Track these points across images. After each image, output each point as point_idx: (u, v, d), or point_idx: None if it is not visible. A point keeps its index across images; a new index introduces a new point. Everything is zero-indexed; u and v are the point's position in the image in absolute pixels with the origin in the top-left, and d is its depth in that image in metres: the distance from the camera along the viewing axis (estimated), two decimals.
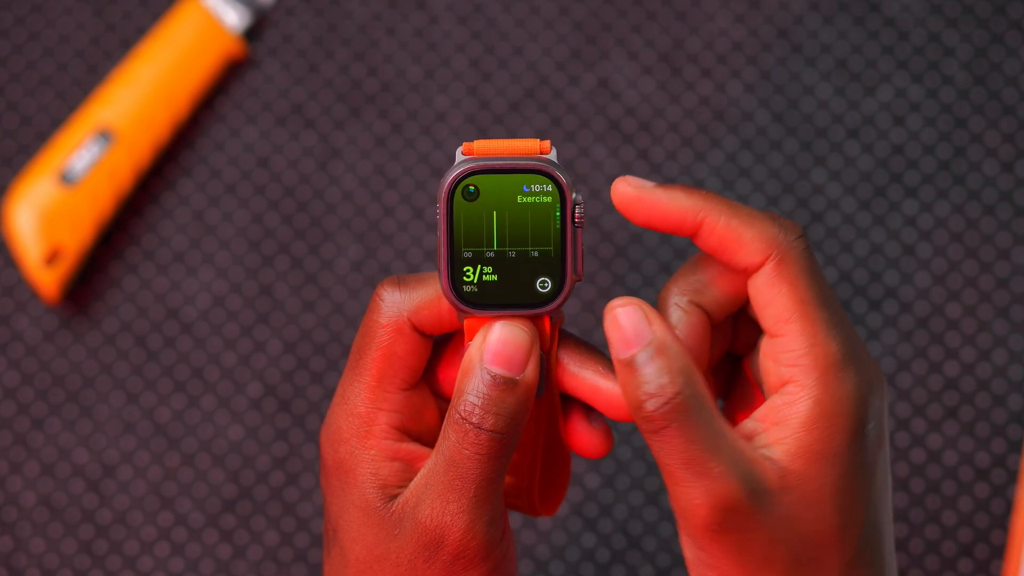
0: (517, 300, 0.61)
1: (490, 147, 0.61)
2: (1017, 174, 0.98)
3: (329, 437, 0.62)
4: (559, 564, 0.96)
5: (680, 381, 0.58)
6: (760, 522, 0.58)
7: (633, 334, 0.59)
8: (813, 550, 0.59)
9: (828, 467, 0.58)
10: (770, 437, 0.59)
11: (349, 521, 0.62)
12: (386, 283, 0.62)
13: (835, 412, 0.58)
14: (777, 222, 0.60)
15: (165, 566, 0.95)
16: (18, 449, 0.96)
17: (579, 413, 0.64)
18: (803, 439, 0.58)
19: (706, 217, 0.60)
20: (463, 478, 0.60)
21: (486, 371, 0.60)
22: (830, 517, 0.59)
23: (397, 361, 0.62)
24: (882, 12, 0.99)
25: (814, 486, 0.58)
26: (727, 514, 0.58)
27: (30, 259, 0.95)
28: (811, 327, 0.59)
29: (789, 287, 0.59)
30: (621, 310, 0.59)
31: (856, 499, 0.59)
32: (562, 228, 0.61)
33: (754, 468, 0.58)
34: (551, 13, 0.99)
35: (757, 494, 0.58)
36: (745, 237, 0.59)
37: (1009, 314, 0.96)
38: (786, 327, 0.59)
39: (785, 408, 0.59)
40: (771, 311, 0.59)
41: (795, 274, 0.59)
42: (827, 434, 0.58)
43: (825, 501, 0.58)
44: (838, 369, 0.58)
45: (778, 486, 0.58)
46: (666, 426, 0.58)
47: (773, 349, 0.60)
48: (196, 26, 0.98)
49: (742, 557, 0.58)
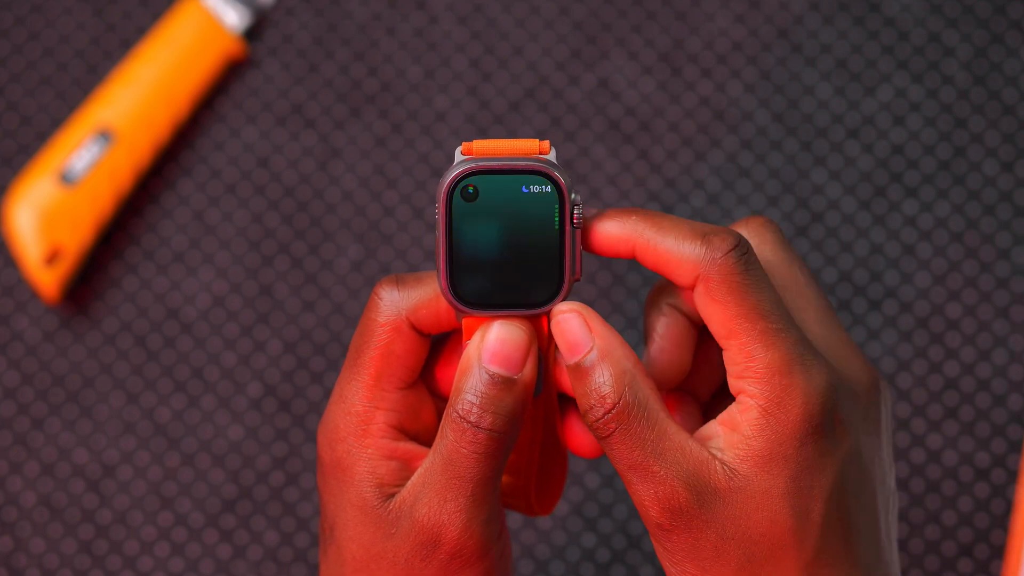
0: (515, 300, 0.61)
1: (489, 147, 0.61)
2: (1017, 174, 0.98)
3: (326, 435, 0.62)
4: (559, 564, 0.96)
5: (619, 388, 0.59)
6: (707, 522, 0.59)
7: (574, 341, 0.60)
8: (768, 550, 0.59)
9: (777, 470, 0.59)
10: (724, 441, 0.60)
11: (346, 520, 0.62)
12: (384, 282, 0.62)
13: (781, 417, 0.59)
14: (704, 240, 0.60)
15: (165, 566, 0.95)
16: (18, 449, 0.96)
17: (576, 413, 0.64)
18: (752, 444, 0.59)
19: (635, 243, 0.61)
20: (460, 477, 0.60)
21: (484, 370, 0.60)
22: (783, 518, 0.59)
23: (395, 360, 0.62)
24: (882, 12, 0.99)
25: (762, 487, 0.59)
26: (673, 514, 0.59)
27: (30, 259, 0.95)
28: (748, 340, 0.60)
29: (720, 305, 0.60)
30: (563, 316, 0.61)
31: (811, 499, 0.59)
32: (561, 229, 0.61)
33: (701, 470, 0.59)
34: (551, 13, 1.00)
35: (703, 496, 0.59)
36: (673, 260, 0.61)
37: (1009, 314, 0.96)
38: (727, 342, 0.60)
39: (737, 415, 0.60)
40: (712, 327, 0.61)
41: (723, 292, 0.60)
42: (775, 439, 0.59)
43: (775, 502, 0.59)
44: (781, 376, 0.59)
45: (726, 487, 0.59)
46: (610, 433, 0.59)
47: (725, 360, 0.61)
48: (196, 26, 0.98)
49: (694, 553, 0.60)
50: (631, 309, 0.97)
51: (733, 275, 0.60)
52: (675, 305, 0.63)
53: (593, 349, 0.60)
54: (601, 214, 0.62)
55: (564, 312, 0.61)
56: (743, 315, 0.60)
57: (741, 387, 0.60)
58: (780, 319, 0.60)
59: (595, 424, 0.60)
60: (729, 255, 0.60)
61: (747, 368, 0.59)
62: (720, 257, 0.60)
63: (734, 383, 0.60)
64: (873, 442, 0.62)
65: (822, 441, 0.59)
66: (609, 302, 0.97)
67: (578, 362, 0.60)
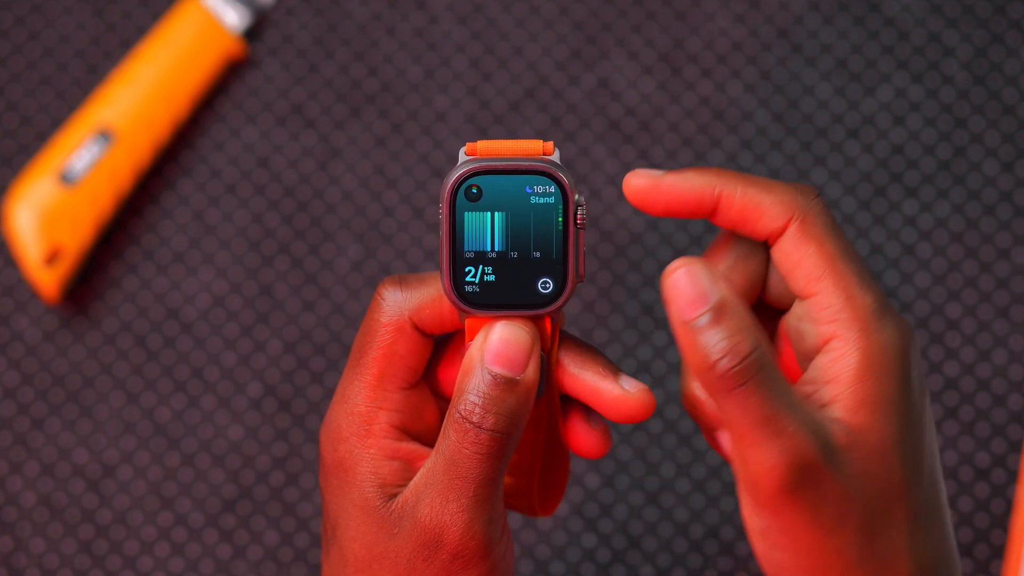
0: (518, 301, 0.61)
1: (493, 148, 0.61)
2: (1017, 174, 0.98)
3: (329, 436, 0.62)
4: (559, 564, 0.96)
5: (752, 339, 0.57)
6: (834, 480, 0.57)
7: (698, 294, 0.57)
8: (884, 503, 0.58)
9: (887, 417, 0.58)
10: (825, 396, 0.58)
11: (348, 520, 0.62)
12: (387, 282, 0.62)
13: (883, 361, 0.58)
14: (793, 185, 0.60)
15: (165, 566, 0.95)
16: (18, 449, 0.96)
17: (578, 414, 0.64)
18: (859, 391, 0.58)
19: (723, 191, 0.60)
20: (463, 477, 0.60)
21: (487, 371, 0.60)
22: (897, 469, 0.58)
23: (398, 360, 0.62)
24: (882, 12, 0.99)
25: (878, 437, 0.58)
26: (803, 473, 0.57)
27: (30, 259, 0.95)
28: (844, 280, 0.59)
29: (816, 245, 0.59)
30: (683, 271, 0.57)
31: (917, 448, 0.58)
32: (564, 229, 0.61)
33: (824, 425, 0.57)
34: (551, 13, 1.00)
35: (830, 451, 0.57)
36: (764, 204, 0.60)
37: (1009, 314, 0.96)
38: (819, 284, 0.59)
39: (833, 364, 0.58)
40: (801, 271, 0.59)
41: (820, 232, 0.59)
42: (880, 383, 0.58)
43: (891, 452, 0.58)
44: (877, 318, 0.58)
45: (846, 443, 0.57)
46: (741, 384, 0.56)
47: (809, 310, 0.59)
48: (196, 26, 0.98)
49: (816, 519, 0.57)
50: (631, 309, 0.97)
51: (825, 216, 0.59)
52: None
53: (721, 300, 0.57)
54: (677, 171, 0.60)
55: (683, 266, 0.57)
56: (837, 256, 0.59)
57: (834, 331, 0.58)
58: (864, 265, 0.59)
59: (724, 375, 0.56)
60: (819, 199, 0.60)
61: (843, 310, 0.58)
62: (813, 199, 0.60)
63: (824, 328, 0.58)
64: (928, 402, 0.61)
65: (915, 386, 0.58)
66: (609, 302, 0.97)
67: (700, 314, 0.57)
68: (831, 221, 0.60)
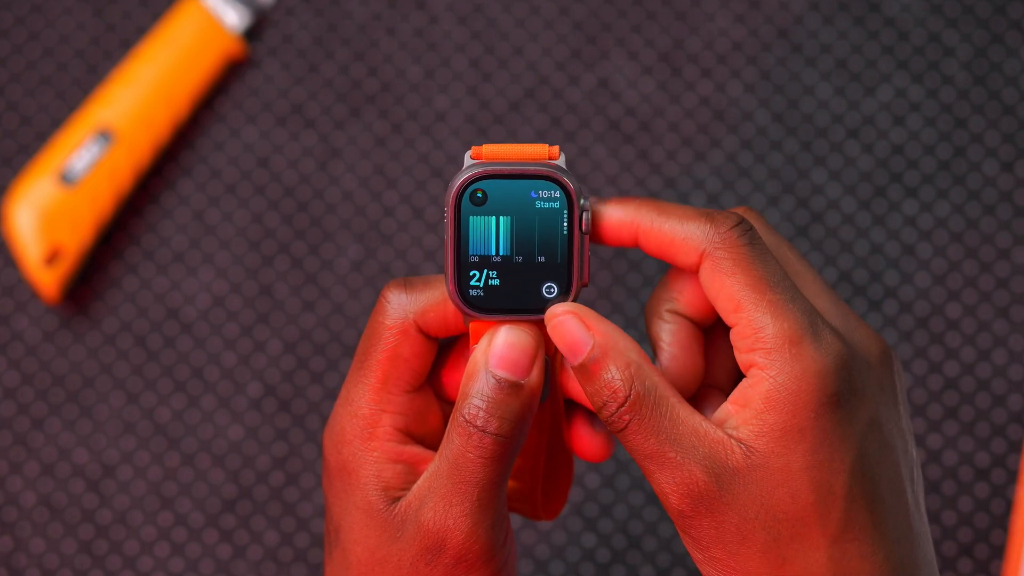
0: (523, 305, 0.61)
1: (499, 152, 0.61)
2: (1017, 174, 0.98)
3: (332, 438, 0.62)
4: (559, 564, 0.96)
5: (627, 378, 0.59)
6: (729, 504, 0.59)
7: (573, 341, 0.60)
8: (792, 527, 0.59)
9: (794, 443, 0.58)
10: (738, 419, 0.59)
11: (351, 523, 0.62)
12: (392, 285, 0.62)
13: (795, 388, 0.58)
14: (708, 218, 0.60)
15: (165, 566, 0.95)
16: (18, 449, 0.96)
17: (582, 417, 0.64)
18: (766, 419, 0.59)
19: (639, 225, 0.61)
20: (467, 481, 0.60)
21: (491, 375, 0.60)
22: (805, 493, 0.59)
23: (402, 363, 0.62)
24: (882, 12, 0.99)
25: (781, 463, 0.59)
26: (694, 499, 0.59)
27: (30, 259, 0.95)
28: (756, 311, 0.59)
29: (728, 278, 0.60)
30: (558, 320, 0.60)
31: (832, 472, 0.59)
32: (569, 234, 0.61)
33: (717, 451, 0.59)
34: (551, 13, 0.99)
35: (722, 478, 0.59)
36: (677, 239, 0.61)
37: (1009, 314, 0.97)
38: (735, 316, 0.60)
39: (748, 390, 0.59)
40: (719, 303, 0.60)
41: (730, 265, 0.60)
42: (789, 411, 0.58)
43: (795, 477, 0.59)
44: (792, 346, 0.59)
45: (744, 466, 0.59)
46: (625, 425, 0.59)
47: (733, 337, 0.60)
48: (196, 26, 0.98)
49: (720, 538, 0.59)
50: (631, 309, 0.97)
51: (739, 247, 0.60)
52: (676, 311, 0.63)
53: (594, 347, 0.60)
54: (602, 202, 0.62)
55: (558, 315, 0.61)
56: (751, 286, 0.59)
57: (751, 360, 0.59)
58: (787, 289, 0.60)
59: (610, 419, 0.59)
60: (734, 230, 0.60)
61: (757, 340, 0.59)
62: (725, 231, 0.60)
63: (744, 358, 0.60)
64: (891, 411, 0.61)
65: (839, 411, 0.59)
66: (609, 302, 0.97)
67: (582, 362, 0.60)
68: (747, 250, 0.60)
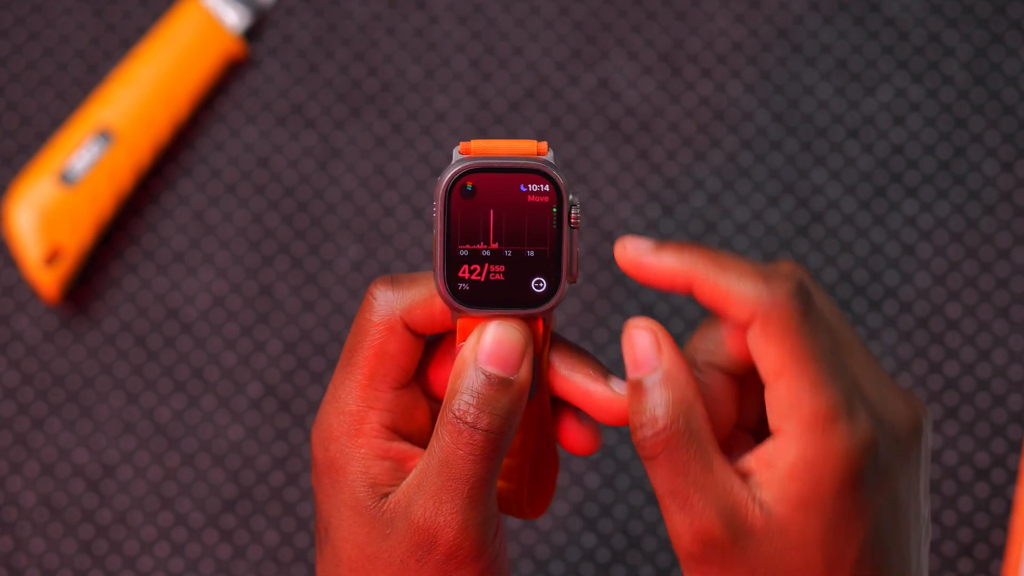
0: (512, 300, 0.61)
1: (487, 147, 0.61)
2: (1017, 174, 0.97)
3: (320, 435, 0.62)
4: (559, 564, 0.96)
5: (674, 414, 0.59)
6: (739, 559, 0.59)
7: (642, 358, 0.60)
8: None
9: (812, 515, 0.59)
10: (761, 479, 0.59)
11: (340, 520, 0.62)
12: (379, 282, 0.62)
13: (820, 465, 0.59)
14: (766, 279, 0.60)
15: (165, 566, 0.95)
16: (18, 449, 0.96)
17: (570, 412, 0.64)
18: (788, 487, 0.59)
19: (694, 278, 0.61)
20: (457, 478, 0.60)
21: (480, 371, 0.60)
22: (816, 563, 0.59)
23: (389, 360, 0.62)
24: (882, 12, 0.99)
25: (797, 532, 0.59)
26: (706, 547, 0.59)
27: (30, 259, 0.96)
28: (797, 383, 0.59)
29: (777, 344, 0.59)
30: (636, 331, 0.60)
31: (846, 544, 0.59)
32: (558, 229, 0.61)
33: (739, 508, 0.59)
34: (551, 13, 0.99)
35: (739, 533, 0.59)
36: (732, 297, 0.60)
37: (1009, 314, 0.96)
38: (776, 381, 0.60)
39: (774, 452, 0.59)
40: (763, 365, 0.60)
41: (781, 332, 0.59)
42: (811, 484, 0.59)
43: (809, 548, 0.59)
44: (826, 423, 0.59)
45: (762, 528, 0.59)
46: (656, 455, 0.59)
47: (768, 398, 0.60)
48: (196, 26, 0.98)
49: None
50: (631, 309, 0.97)
51: (792, 318, 0.59)
52: (712, 363, 0.62)
53: (658, 370, 0.59)
54: (660, 246, 0.61)
55: (640, 327, 0.60)
56: (796, 357, 0.59)
57: (782, 427, 0.59)
58: (832, 365, 0.59)
59: (642, 442, 0.59)
60: (791, 298, 0.60)
61: (792, 409, 0.59)
62: (781, 298, 0.59)
63: (776, 421, 0.59)
64: (912, 480, 0.61)
65: (861, 491, 0.59)
66: (609, 302, 0.97)
67: (640, 379, 0.60)
68: (799, 319, 0.59)
